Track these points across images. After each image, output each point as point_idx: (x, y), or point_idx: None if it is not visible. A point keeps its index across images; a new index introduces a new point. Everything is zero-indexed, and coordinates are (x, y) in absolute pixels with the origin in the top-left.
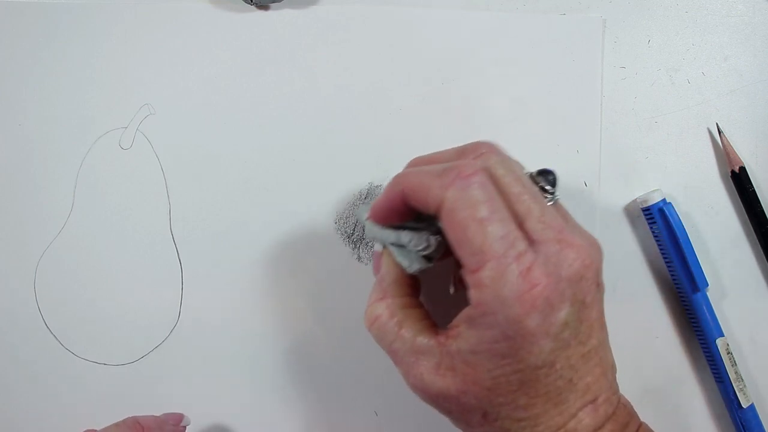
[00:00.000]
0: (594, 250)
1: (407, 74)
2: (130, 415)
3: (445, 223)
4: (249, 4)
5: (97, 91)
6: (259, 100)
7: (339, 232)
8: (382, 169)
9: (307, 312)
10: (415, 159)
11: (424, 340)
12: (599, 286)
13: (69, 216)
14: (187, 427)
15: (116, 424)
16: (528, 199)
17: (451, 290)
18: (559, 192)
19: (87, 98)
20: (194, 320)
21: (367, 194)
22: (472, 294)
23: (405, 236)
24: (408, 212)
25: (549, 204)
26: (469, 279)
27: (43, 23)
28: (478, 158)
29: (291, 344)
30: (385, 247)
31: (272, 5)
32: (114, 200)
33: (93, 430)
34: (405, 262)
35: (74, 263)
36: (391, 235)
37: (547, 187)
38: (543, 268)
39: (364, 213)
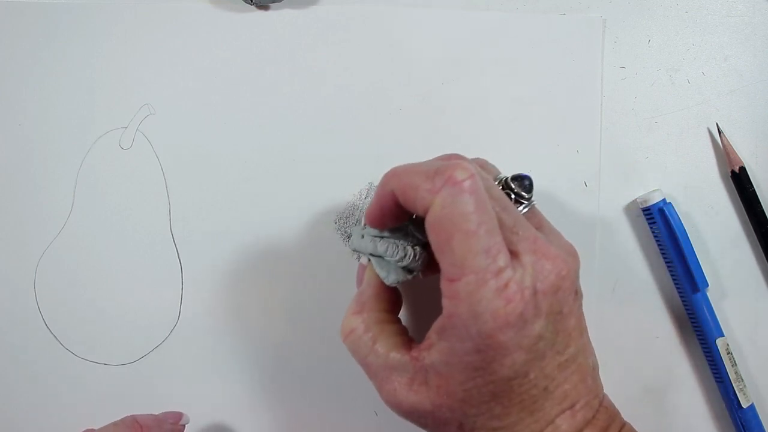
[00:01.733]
0: (570, 258)
1: (407, 74)
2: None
3: (429, 228)
4: (249, 4)
5: (97, 91)
6: (259, 100)
7: (339, 232)
8: (382, 169)
9: (308, 312)
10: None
11: (397, 355)
12: (577, 293)
13: (69, 216)
14: (186, 426)
15: (114, 423)
16: (499, 210)
17: None
18: (536, 197)
19: (87, 98)
20: (194, 320)
21: (367, 195)
22: (446, 304)
23: (381, 245)
24: (403, 213)
25: (524, 210)
26: (444, 287)
27: (43, 23)
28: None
29: (291, 344)
30: (369, 260)
31: (272, 5)
32: (114, 200)
33: (92, 429)
34: (383, 273)
35: (74, 263)
36: (369, 245)
37: (523, 193)
38: (519, 284)
39: (353, 235)
